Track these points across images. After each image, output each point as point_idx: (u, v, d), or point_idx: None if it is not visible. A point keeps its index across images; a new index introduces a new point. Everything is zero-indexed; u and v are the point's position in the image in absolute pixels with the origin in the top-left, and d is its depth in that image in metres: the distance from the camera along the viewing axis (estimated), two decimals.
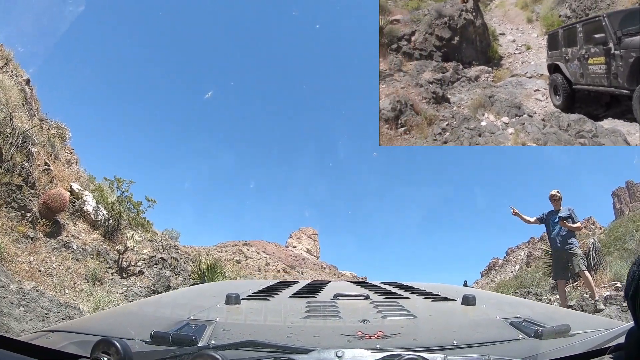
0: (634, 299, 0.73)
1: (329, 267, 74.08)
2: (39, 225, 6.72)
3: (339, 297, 1.72)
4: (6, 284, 4.52)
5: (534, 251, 34.27)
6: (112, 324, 1.33)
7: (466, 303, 1.61)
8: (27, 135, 7.23)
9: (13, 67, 9.13)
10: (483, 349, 1.00)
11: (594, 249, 8.59)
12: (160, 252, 9.72)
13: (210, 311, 1.43)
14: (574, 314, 2.17)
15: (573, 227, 5.60)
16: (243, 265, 49.36)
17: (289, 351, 0.90)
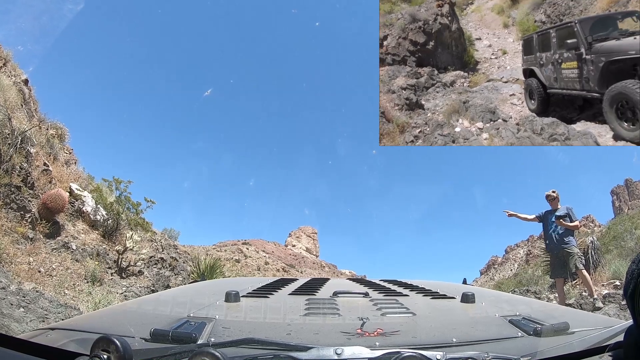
0: (632, 298, 0.73)
1: (329, 266, 74.13)
2: (38, 226, 6.70)
3: (338, 295, 1.72)
4: (6, 285, 4.52)
5: (533, 249, 34.30)
6: (111, 322, 1.33)
7: (465, 301, 1.62)
8: (26, 135, 7.21)
9: (11, 68, 9.10)
10: (482, 347, 1.00)
11: (593, 247, 8.59)
12: (160, 252, 9.72)
13: (209, 309, 1.43)
14: (573, 312, 2.18)
15: (570, 226, 5.61)
16: (242, 264, 49.35)
17: (289, 348, 0.90)
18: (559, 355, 0.94)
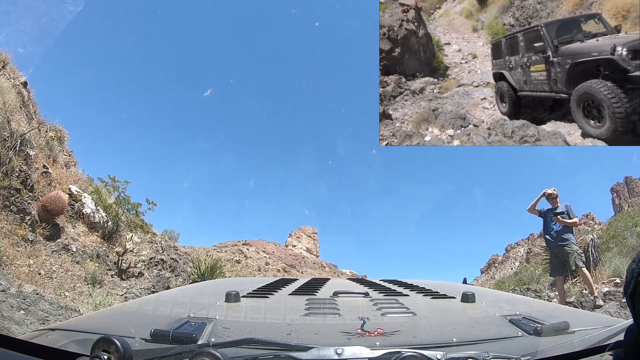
0: (633, 297, 0.72)
1: (329, 266, 74.13)
2: (38, 228, 6.70)
3: (338, 295, 1.72)
4: (6, 287, 4.51)
5: (533, 247, 34.33)
6: (112, 322, 1.33)
7: (466, 300, 1.62)
8: (25, 138, 7.21)
9: (10, 70, 9.09)
10: (482, 346, 1.00)
11: (593, 245, 8.59)
12: (160, 253, 9.71)
13: (210, 309, 1.43)
14: (574, 312, 2.17)
15: (567, 223, 5.61)
16: (243, 265, 49.35)
17: (289, 348, 0.90)
18: (559, 354, 0.94)
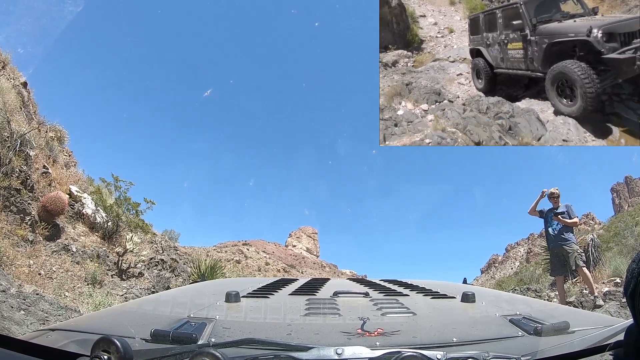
0: (633, 297, 0.72)
1: (329, 266, 74.13)
2: (38, 228, 6.70)
3: (338, 295, 1.72)
4: (6, 287, 4.51)
5: (533, 247, 34.32)
6: (112, 323, 1.33)
7: (466, 300, 1.62)
8: (25, 138, 7.22)
9: (10, 70, 9.10)
10: (482, 346, 1.00)
11: (593, 245, 8.59)
12: (160, 254, 9.71)
13: (210, 309, 1.43)
14: (574, 311, 2.17)
15: (567, 222, 5.61)
16: (243, 265, 49.35)
17: (289, 349, 0.90)
18: (560, 354, 0.94)
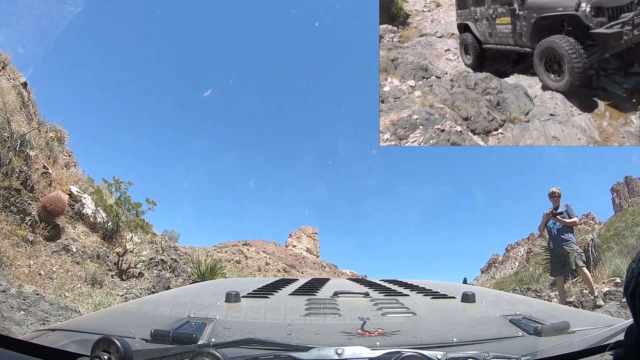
0: (633, 297, 0.72)
1: (329, 266, 74.13)
2: (38, 228, 6.70)
3: (338, 295, 1.72)
4: (6, 287, 4.51)
5: (533, 247, 34.29)
6: (112, 323, 1.33)
7: (466, 300, 1.62)
8: (25, 138, 7.22)
9: (10, 71, 9.10)
10: (483, 346, 1.00)
11: (593, 245, 8.58)
12: (160, 254, 9.71)
13: (210, 309, 1.43)
14: (574, 311, 2.17)
15: (566, 222, 5.61)
16: (243, 265, 49.36)
17: (289, 349, 0.90)
18: (560, 354, 0.94)
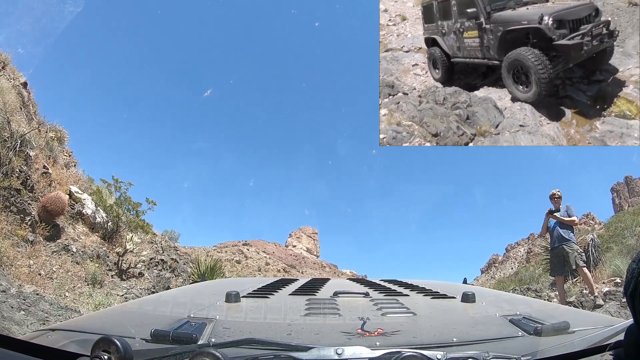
0: (633, 297, 0.72)
1: (329, 266, 74.14)
2: (38, 228, 6.70)
3: (338, 295, 1.72)
4: (6, 287, 4.51)
5: (533, 247, 34.30)
6: (112, 323, 1.33)
7: (466, 300, 1.61)
8: (25, 138, 7.21)
9: (10, 71, 9.09)
10: (483, 346, 1.00)
11: (593, 245, 8.59)
12: (160, 254, 9.71)
13: (210, 309, 1.43)
14: (574, 311, 2.17)
15: (565, 220, 5.61)
16: (243, 265, 49.38)
17: (289, 349, 0.90)
18: (560, 354, 0.94)
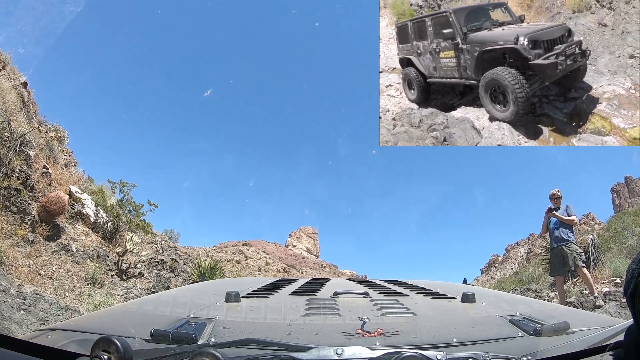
0: (633, 297, 0.72)
1: (329, 266, 74.13)
2: (38, 228, 6.70)
3: (338, 295, 1.72)
4: (6, 287, 4.51)
5: (533, 248, 34.31)
6: (112, 322, 1.33)
7: (466, 300, 1.62)
8: (25, 138, 7.22)
9: (10, 71, 9.10)
10: (483, 347, 1.00)
11: (593, 245, 8.58)
12: (160, 254, 9.72)
13: (210, 309, 1.43)
14: (574, 312, 2.17)
15: (564, 219, 5.61)
16: (243, 265, 49.38)
17: (289, 349, 0.90)
18: (560, 354, 0.94)
